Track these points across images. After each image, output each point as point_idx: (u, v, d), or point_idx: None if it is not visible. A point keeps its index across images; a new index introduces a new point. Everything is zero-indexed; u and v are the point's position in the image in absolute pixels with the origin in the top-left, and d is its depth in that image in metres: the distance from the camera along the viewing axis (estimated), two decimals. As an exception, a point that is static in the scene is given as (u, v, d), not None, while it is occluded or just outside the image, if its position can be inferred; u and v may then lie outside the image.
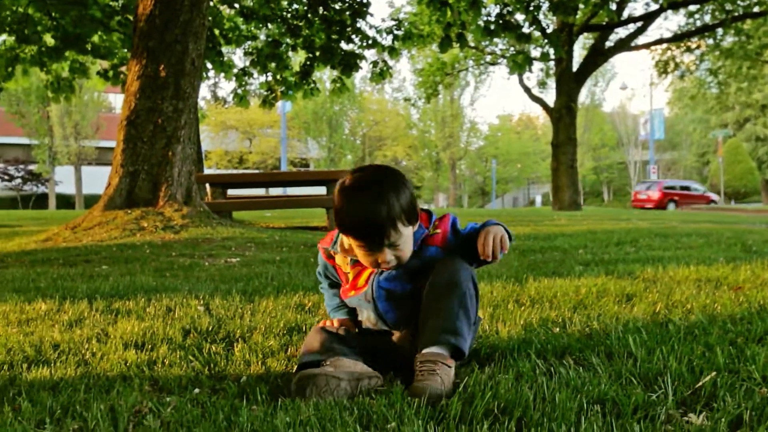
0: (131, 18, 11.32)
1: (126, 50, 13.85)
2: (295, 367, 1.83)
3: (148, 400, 1.59)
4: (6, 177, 41.31)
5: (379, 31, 14.93)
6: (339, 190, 1.85)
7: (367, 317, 2.01)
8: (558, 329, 2.33)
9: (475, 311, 1.88)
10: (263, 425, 1.42)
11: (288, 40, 15.02)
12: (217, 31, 14.55)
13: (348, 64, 14.71)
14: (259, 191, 27.15)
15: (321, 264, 2.14)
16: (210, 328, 2.47)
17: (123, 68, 14.37)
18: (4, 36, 14.10)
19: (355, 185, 1.84)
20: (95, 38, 14.21)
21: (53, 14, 13.48)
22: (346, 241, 1.93)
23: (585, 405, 1.49)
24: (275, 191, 28.98)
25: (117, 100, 45.04)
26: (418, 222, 1.92)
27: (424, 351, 1.75)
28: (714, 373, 1.67)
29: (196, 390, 1.71)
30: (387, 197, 1.79)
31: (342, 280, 2.06)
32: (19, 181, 41.95)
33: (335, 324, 2.04)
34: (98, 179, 14.73)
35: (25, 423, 1.46)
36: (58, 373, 1.90)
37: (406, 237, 1.85)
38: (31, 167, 42.05)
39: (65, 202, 43.31)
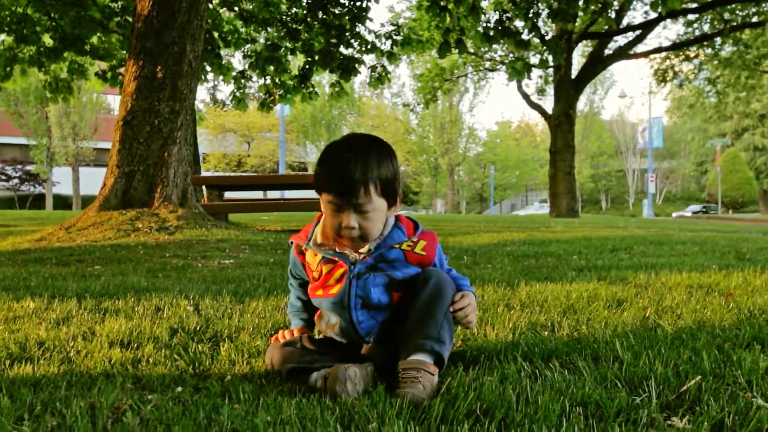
0: (130, 19, 11.33)
1: (125, 51, 13.86)
2: (284, 375, 1.80)
3: (128, 398, 1.58)
4: (3, 177, 41.33)
5: (378, 36, 14.97)
6: (327, 145, 1.86)
7: (330, 323, 1.94)
8: (546, 333, 2.32)
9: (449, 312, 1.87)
10: (243, 424, 1.41)
11: (287, 44, 15.04)
12: (216, 34, 14.56)
13: (347, 68, 14.73)
14: (257, 194, 27.16)
15: (291, 260, 2.08)
16: (198, 328, 2.45)
17: (121, 69, 14.37)
18: (3, 36, 14.12)
19: (341, 141, 1.86)
20: (94, 39, 14.23)
21: (52, 15, 13.49)
22: (320, 235, 1.92)
23: (568, 407, 1.48)
24: (273, 194, 28.96)
25: (115, 102, 45.09)
26: (396, 209, 1.89)
27: (408, 358, 1.73)
28: (699, 378, 1.66)
29: (179, 388, 1.70)
30: (367, 157, 1.77)
31: (309, 278, 2.00)
32: (16, 181, 41.98)
33: (295, 334, 2.00)
34: (96, 180, 14.73)
35: (3, 419, 1.45)
36: (41, 371, 1.89)
37: (377, 209, 1.81)
38: (29, 167, 42.08)
39: (63, 202, 43.32)
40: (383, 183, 1.79)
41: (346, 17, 14.19)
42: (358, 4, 14.03)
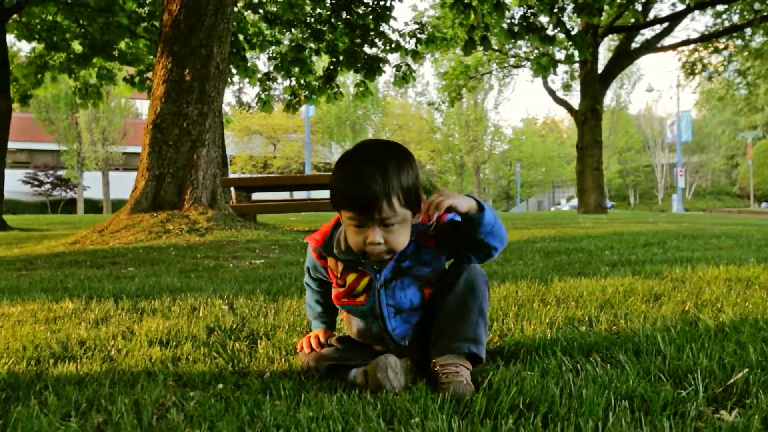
0: (157, 24, 11.47)
1: (152, 56, 14.03)
2: (322, 372, 1.81)
3: (171, 395, 1.59)
4: (36, 182, 42.08)
5: (402, 35, 14.96)
6: (340, 157, 1.76)
7: (361, 328, 1.91)
8: (584, 327, 2.29)
9: (487, 306, 1.83)
10: (286, 419, 1.41)
11: (311, 45, 15.11)
12: (241, 36, 14.68)
13: (371, 68, 14.75)
14: (284, 195, 27.31)
15: (310, 260, 2.01)
16: (234, 327, 2.47)
17: (149, 74, 14.56)
18: (34, 43, 14.37)
19: (356, 150, 1.75)
20: (122, 45, 14.44)
21: (81, 21, 13.71)
22: (343, 241, 1.82)
23: (613, 401, 1.46)
24: (299, 195, 29.10)
25: (143, 106, 45.72)
26: (418, 216, 1.76)
27: (443, 356, 1.71)
28: (746, 370, 1.62)
29: (220, 385, 1.71)
30: (386, 167, 1.66)
31: (333, 282, 1.93)
32: (48, 186, 42.70)
33: (321, 338, 1.97)
34: (125, 184, 14.95)
35: (51, 416, 1.47)
36: (84, 369, 1.91)
37: (401, 220, 1.70)
38: (60, 173, 42.81)
39: (93, 206, 43.98)
40: (406, 192, 1.68)
41: (370, 17, 14.22)
42: (381, 3, 14.05)
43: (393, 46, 14.84)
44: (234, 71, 15.31)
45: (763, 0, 20.92)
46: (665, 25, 23.41)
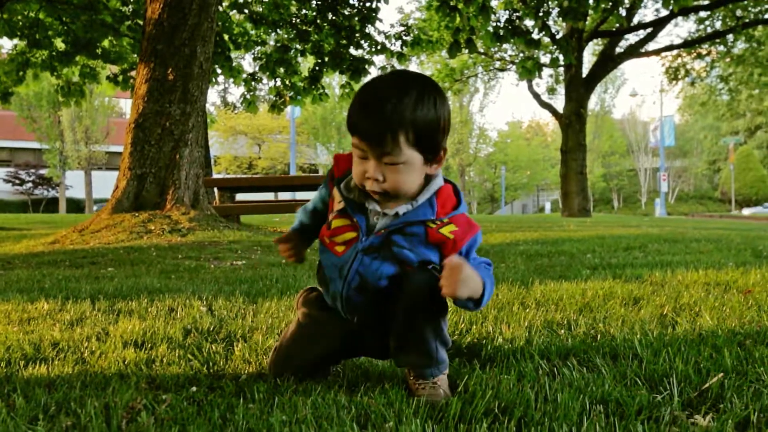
0: (141, 23, 11.38)
1: (136, 55, 13.92)
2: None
3: (143, 398, 1.56)
4: (17, 181, 41.66)
5: (387, 37, 14.96)
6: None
7: (322, 276, 1.76)
8: (563, 331, 2.29)
9: (446, 324, 1.66)
10: (259, 423, 1.40)
11: (297, 46, 15.07)
12: (226, 36, 14.61)
13: (357, 69, 14.73)
14: (268, 196, 27.21)
15: (320, 190, 1.84)
16: (211, 328, 2.44)
17: (133, 73, 14.45)
18: (16, 40, 14.21)
19: (384, 76, 1.57)
20: (105, 43, 14.31)
21: (64, 19, 13.58)
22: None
23: (588, 405, 1.45)
24: (284, 196, 29.00)
25: (127, 105, 45.34)
26: (440, 165, 1.59)
27: (413, 373, 1.65)
28: (721, 375, 1.63)
29: (193, 388, 1.69)
30: (402, 97, 1.49)
31: (328, 214, 1.75)
32: (30, 185, 42.29)
33: (287, 250, 1.84)
34: (108, 183, 14.82)
35: (18, 419, 1.44)
36: (55, 371, 1.88)
37: (408, 163, 1.53)
38: (42, 171, 42.41)
39: (75, 206, 43.62)
40: (418, 131, 1.50)
41: (356, 18, 14.20)
42: (367, 5, 14.04)
43: (378, 47, 14.82)
44: (219, 71, 15.23)
45: (745, 7, 21.18)
46: (649, 30, 23.64)
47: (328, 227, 1.69)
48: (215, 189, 10.37)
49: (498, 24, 14.12)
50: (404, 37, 15.04)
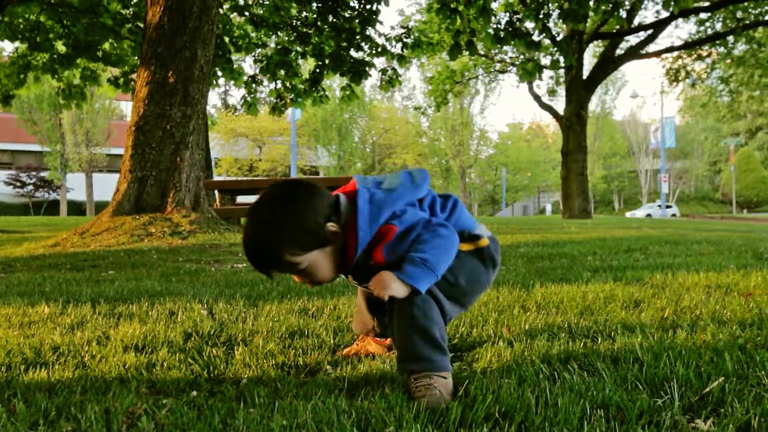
0: (142, 25, 11.39)
1: (136, 58, 13.94)
2: None
3: (143, 402, 1.56)
4: (18, 183, 41.67)
5: (388, 39, 14.97)
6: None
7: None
8: (563, 334, 2.29)
9: (440, 318, 1.72)
10: (259, 428, 1.40)
11: (297, 48, 15.08)
12: (227, 39, 14.62)
13: (357, 71, 14.75)
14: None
15: None
16: (212, 332, 2.44)
17: (133, 75, 14.47)
18: (17, 43, 14.23)
19: (248, 212, 1.73)
20: (106, 46, 14.34)
21: (65, 22, 13.60)
22: None
23: (588, 410, 1.45)
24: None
25: (128, 108, 45.42)
26: (336, 242, 1.72)
27: (408, 367, 1.69)
28: (722, 379, 1.63)
29: (194, 392, 1.69)
30: (273, 229, 1.65)
31: None
32: (31, 187, 42.30)
33: None
34: (109, 186, 14.84)
35: (18, 424, 1.44)
36: (56, 375, 1.88)
37: (313, 261, 1.69)
38: (43, 174, 42.41)
39: (76, 208, 43.63)
40: (301, 243, 1.66)
41: (357, 20, 14.21)
42: (368, 7, 14.04)
43: (379, 50, 14.84)
44: (220, 73, 15.25)
45: (745, 8, 21.18)
46: (649, 32, 23.62)
47: None
48: (216, 191, 10.38)
49: (498, 26, 14.11)
50: (405, 40, 15.05)
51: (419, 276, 1.66)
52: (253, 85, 16.25)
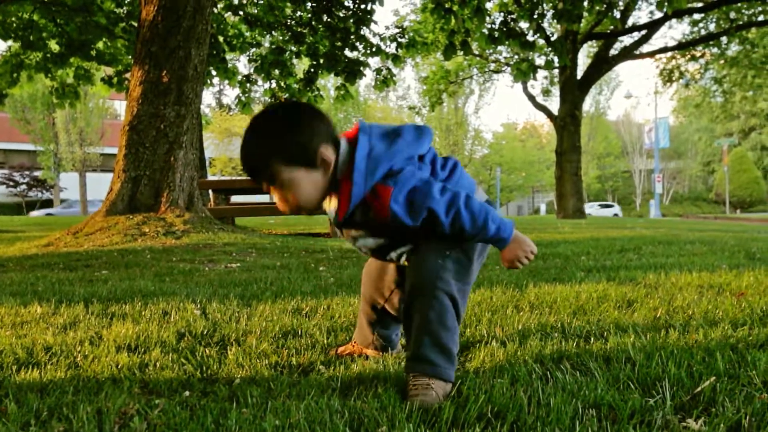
0: (135, 25, 11.36)
1: (130, 57, 13.90)
2: None
3: (136, 402, 1.56)
4: (11, 183, 41.50)
5: (383, 39, 14.96)
6: None
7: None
8: (556, 334, 2.29)
9: (454, 324, 1.71)
10: (252, 428, 1.40)
11: (292, 47, 15.06)
12: (221, 38, 14.60)
13: (352, 71, 14.73)
14: (264, 198, 27.14)
15: None
16: (205, 332, 2.44)
17: (127, 75, 14.41)
18: (10, 42, 14.17)
19: (251, 120, 1.74)
20: (100, 45, 14.27)
21: (58, 21, 13.54)
22: None
23: (580, 409, 1.46)
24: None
25: (121, 107, 45.24)
26: (327, 166, 1.69)
27: (414, 368, 1.68)
28: (713, 378, 1.63)
29: (187, 393, 1.69)
30: (264, 133, 1.68)
31: None
32: (24, 187, 42.14)
33: None
34: (102, 185, 14.80)
35: (10, 425, 1.44)
36: (48, 376, 1.87)
37: (296, 179, 1.68)
38: (36, 173, 42.25)
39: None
40: (289, 155, 1.66)
41: (351, 20, 14.20)
42: (362, 7, 14.03)
43: (374, 49, 14.83)
44: (214, 73, 15.21)
45: (738, 9, 21.25)
46: (643, 32, 23.69)
47: None
48: (210, 191, 10.36)
49: (493, 26, 14.12)
50: (399, 39, 15.05)
51: (500, 226, 1.81)
52: (248, 85, 16.23)
